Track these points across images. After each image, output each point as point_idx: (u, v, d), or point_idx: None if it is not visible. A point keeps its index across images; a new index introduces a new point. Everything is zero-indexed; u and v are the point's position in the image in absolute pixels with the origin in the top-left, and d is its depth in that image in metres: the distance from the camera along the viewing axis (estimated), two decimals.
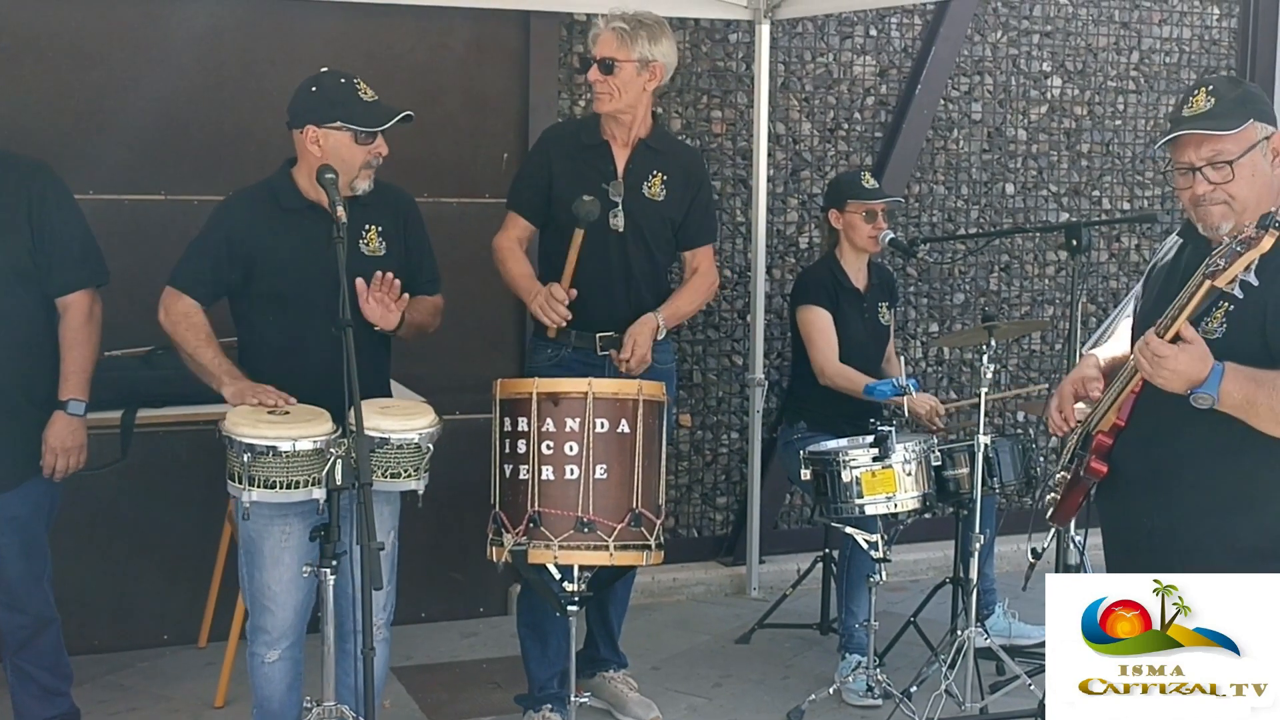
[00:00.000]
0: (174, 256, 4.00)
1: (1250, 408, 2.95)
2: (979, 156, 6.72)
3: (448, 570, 5.64)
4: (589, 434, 3.87)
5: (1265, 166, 3.09)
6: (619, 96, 4.43)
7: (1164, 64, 7.06)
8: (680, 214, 4.61)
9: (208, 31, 5.25)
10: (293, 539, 3.75)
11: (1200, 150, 3.08)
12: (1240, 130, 3.05)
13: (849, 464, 4.57)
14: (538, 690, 4.59)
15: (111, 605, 5.22)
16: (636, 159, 4.53)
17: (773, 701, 4.95)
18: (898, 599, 5.87)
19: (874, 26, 6.46)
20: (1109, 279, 7.01)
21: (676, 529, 6.24)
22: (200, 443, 4.87)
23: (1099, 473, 3.25)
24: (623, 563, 3.98)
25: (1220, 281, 2.87)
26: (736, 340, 6.31)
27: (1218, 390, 2.93)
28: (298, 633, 3.87)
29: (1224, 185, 3.06)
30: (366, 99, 3.84)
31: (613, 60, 4.39)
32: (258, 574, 3.82)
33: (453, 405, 4.81)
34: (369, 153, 3.85)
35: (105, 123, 5.15)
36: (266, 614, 3.82)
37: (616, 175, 4.50)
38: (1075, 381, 3.33)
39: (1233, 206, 3.06)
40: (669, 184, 4.56)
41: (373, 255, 3.96)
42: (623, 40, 4.39)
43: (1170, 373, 2.95)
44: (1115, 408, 3.21)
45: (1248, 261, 2.84)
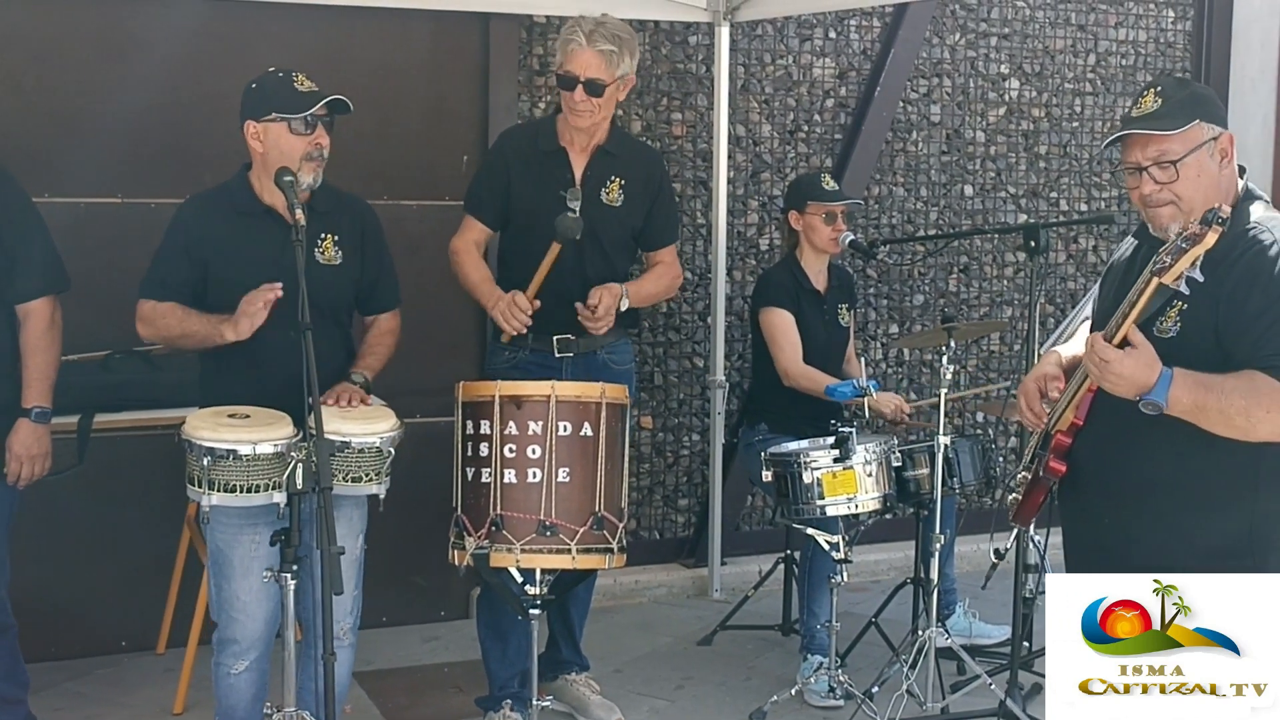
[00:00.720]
0: (130, 259, 3.98)
1: (1200, 413, 2.96)
2: (938, 158, 6.76)
3: (409, 574, 5.62)
4: (551, 437, 3.87)
5: (1212, 167, 3.11)
6: (598, 113, 4.45)
7: (1120, 66, 7.11)
8: (639, 219, 4.62)
9: (164, 35, 5.20)
10: (262, 548, 3.71)
11: (1146, 150, 3.11)
12: (1184, 130, 3.08)
13: (810, 465, 4.59)
14: (498, 690, 4.59)
15: (69, 612, 5.16)
16: (594, 166, 4.53)
17: (735, 703, 4.95)
18: (859, 600, 5.89)
19: (833, 29, 6.49)
20: (1067, 280, 7.06)
21: (638, 531, 6.24)
22: (158, 447, 4.84)
23: (1057, 472, 3.27)
24: (585, 566, 3.98)
25: (1168, 279, 2.88)
26: (697, 342, 6.32)
27: (1166, 397, 2.93)
28: (266, 643, 3.83)
29: (1169, 185, 3.09)
30: (301, 89, 3.82)
31: (601, 82, 4.38)
32: (226, 584, 3.78)
33: (414, 409, 4.79)
34: (309, 143, 3.81)
35: (61, 126, 5.11)
36: (236, 625, 3.79)
37: (574, 183, 4.50)
38: (1038, 379, 3.35)
39: (1180, 206, 3.09)
40: (626, 189, 4.56)
41: (329, 264, 3.94)
42: (609, 62, 4.38)
43: (1117, 377, 2.96)
44: (1073, 406, 3.22)
45: (1193, 258, 2.86)
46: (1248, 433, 2.97)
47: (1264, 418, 2.94)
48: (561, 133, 4.53)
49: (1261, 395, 2.93)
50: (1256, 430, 2.96)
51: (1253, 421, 2.94)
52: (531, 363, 4.48)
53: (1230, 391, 2.94)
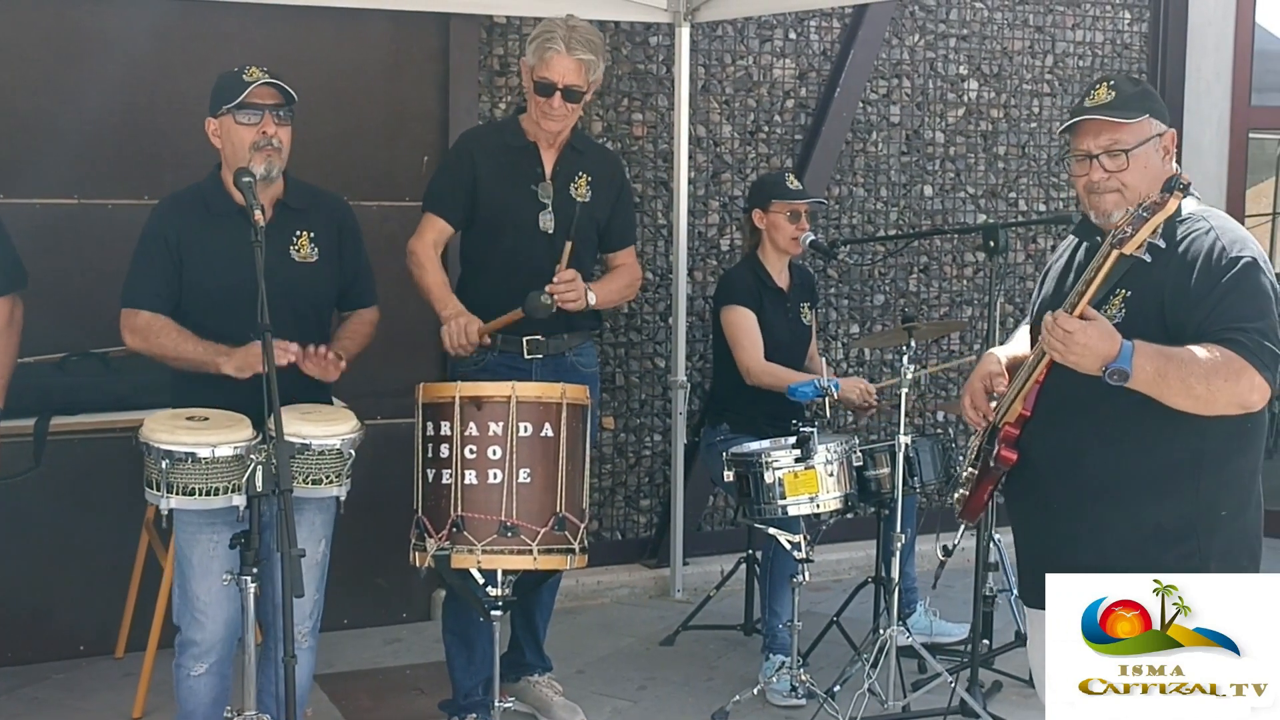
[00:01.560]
0: (87, 261, 3.96)
1: (1161, 382, 2.97)
2: (898, 159, 6.79)
3: (370, 576, 5.60)
4: (512, 438, 3.86)
5: (1156, 161, 3.20)
6: (571, 118, 4.48)
7: (1078, 67, 7.17)
8: (605, 215, 4.63)
9: (121, 35, 5.17)
10: (221, 548, 3.69)
11: (1099, 139, 3.19)
12: (1137, 122, 3.18)
13: (771, 465, 4.59)
14: (462, 698, 4.57)
15: (25, 616, 5.12)
16: (564, 160, 4.54)
17: (697, 703, 4.96)
18: (820, 599, 5.91)
19: (793, 30, 6.51)
20: (1026, 280, 7.10)
21: (600, 532, 6.24)
22: (116, 450, 4.79)
23: (1009, 460, 3.30)
24: (546, 567, 3.97)
25: (1129, 248, 2.93)
26: (658, 343, 6.33)
27: (1131, 364, 2.95)
28: (227, 647, 3.81)
29: (1118, 174, 3.18)
30: (248, 79, 3.80)
31: (579, 90, 4.41)
32: (187, 585, 3.76)
33: (374, 410, 4.78)
34: (255, 132, 3.79)
35: (17, 126, 5.07)
36: (196, 626, 3.76)
37: (545, 177, 4.50)
38: (983, 377, 3.41)
39: (1125, 195, 3.16)
40: (594, 185, 4.57)
41: (304, 261, 3.93)
42: (587, 69, 4.41)
43: (1081, 348, 2.98)
44: (1021, 398, 3.27)
45: (1154, 225, 2.91)
46: (1208, 402, 2.99)
47: (1223, 386, 2.96)
48: (527, 131, 4.54)
49: (1219, 364, 2.96)
50: (1215, 399, 2.99)
51: (1213, 390, 2.97)
52: (500, 364, 4.47)
53: (1190, 360, 2.97)
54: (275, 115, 3.82)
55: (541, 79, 4.40)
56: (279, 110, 3.83)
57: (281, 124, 3.83)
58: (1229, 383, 2.97)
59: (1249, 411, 3.06)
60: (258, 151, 3.79)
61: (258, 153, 3.79)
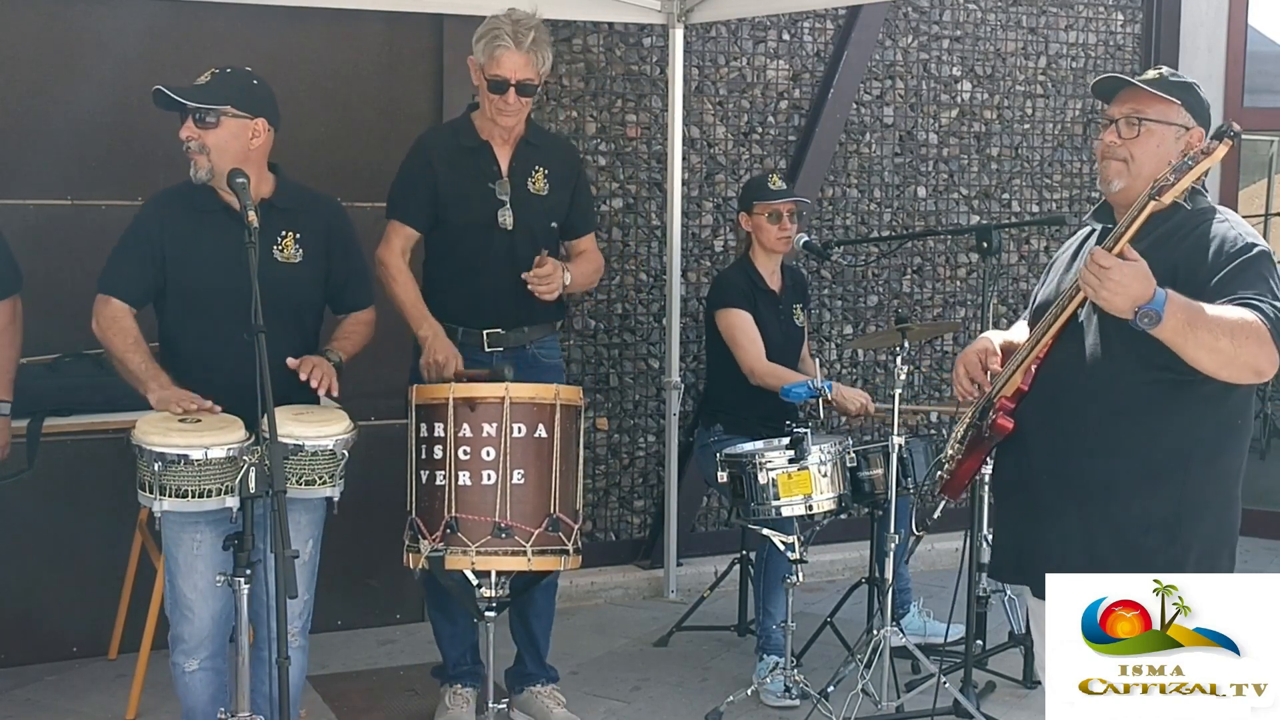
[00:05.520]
0: (81, 262, 3.96)
1: (1189, 331, 2.92)
2: (891, 160, 6.79)
3: (364, 577, 5.60)
4: (506, 439, 3.87)
5: (1172, 150, 3.16)
6: (524, 111, 4.49)
7: (1070, 69, 7.17)
8: (564, 207, 4.64)
9: (115, 36, 5.16)
10: (204, 547, 3.69)
11: (1124, 105, 3.21)
12: (1164, 100, 3.18)
13: (765, 466, 4.59)
14: (451, 667, 4.65)
15: (19, 617, 5.12)
16: (519, 157, 4.55)
17: (691, 704, 4.96)
18: (814, 600, 5.91)
19: (787, 31, 6.51)
20: (1019, 280, 7.11)
21: (594, 533, 6.24)
22: (109, 451, 4.80)
23: (1004, 429, 3.28)
24: (540, 568, 3.98)
25: (1168, 196, 2.90)
26: (652, 344, 6.33)
27: (1164, 308, 2.89)
28: (217, 643, 3.80)
29: (1129, 141, 3.18)
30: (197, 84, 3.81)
31: (532, 84, 4.42)
32: (175, 582, 3.77)
33: (367, 411, 4.78)
34: (183, 134, 3.79)
35: (10, 127, 5.06)
36: (184, 622, 3.77)
37: (502, 174, 4.51)
38: (979, 352, 3.39)
39: (1130, 167, 3.17)
40: (550, 178, 4.59)
41: (287, 262, 3.91)
42: (539, 61, 4.42)
43: (1117, 284, 2.91)
44: (1021, 371, 3.26)
45: (1199, 172, 2.90)
46: (1230, 359, 2.95)
47: (1245, 344, 2.93)
48: (481, 128, 4.54)
49: (1248, 324, 2.94)
50: (1239, 356, 2.94)
51: (1237, 346, 2.93)
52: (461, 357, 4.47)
53: (1221, 315, 2.94)
54: (194, 118, 3.79)
55: (494, 77, 4.41)
56: (199, 114, 3.78)
57: (206, 127, 3.78)
58: (1252, 342, 2.93)
59: (1259, 380, 3.03)
60: (187, 152, 3.80)
61: (188, 154, 3.80)
